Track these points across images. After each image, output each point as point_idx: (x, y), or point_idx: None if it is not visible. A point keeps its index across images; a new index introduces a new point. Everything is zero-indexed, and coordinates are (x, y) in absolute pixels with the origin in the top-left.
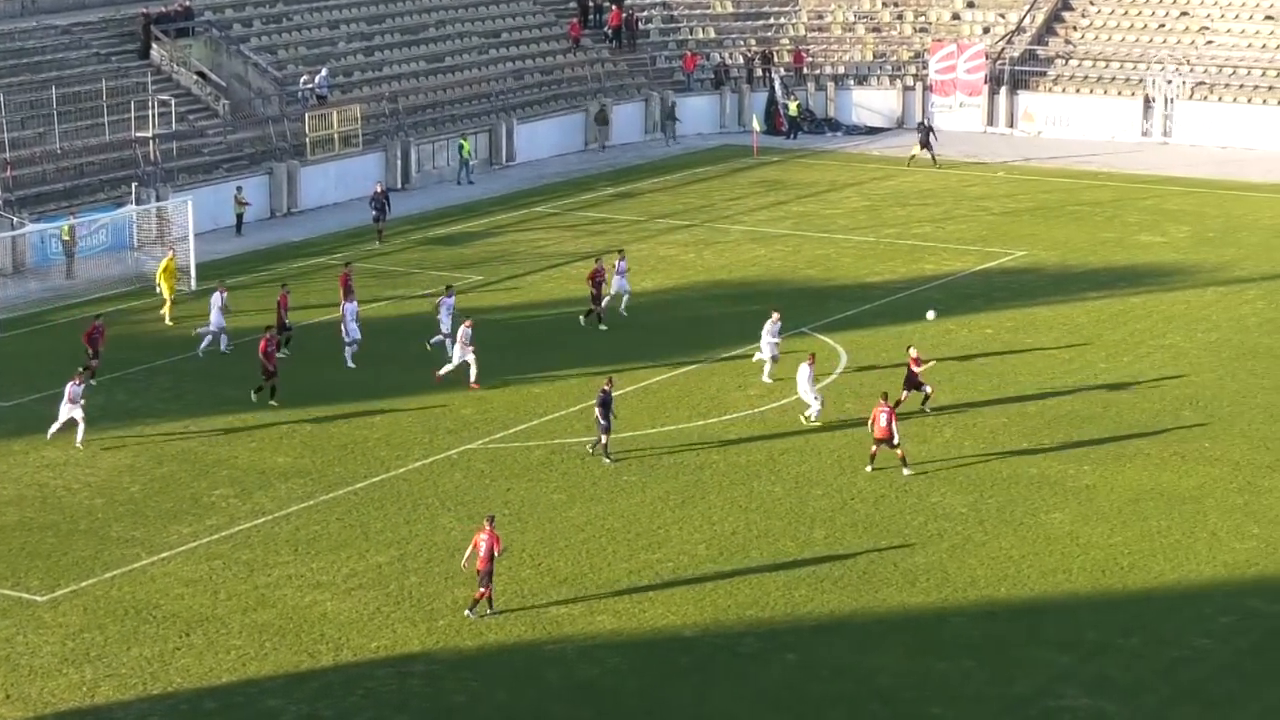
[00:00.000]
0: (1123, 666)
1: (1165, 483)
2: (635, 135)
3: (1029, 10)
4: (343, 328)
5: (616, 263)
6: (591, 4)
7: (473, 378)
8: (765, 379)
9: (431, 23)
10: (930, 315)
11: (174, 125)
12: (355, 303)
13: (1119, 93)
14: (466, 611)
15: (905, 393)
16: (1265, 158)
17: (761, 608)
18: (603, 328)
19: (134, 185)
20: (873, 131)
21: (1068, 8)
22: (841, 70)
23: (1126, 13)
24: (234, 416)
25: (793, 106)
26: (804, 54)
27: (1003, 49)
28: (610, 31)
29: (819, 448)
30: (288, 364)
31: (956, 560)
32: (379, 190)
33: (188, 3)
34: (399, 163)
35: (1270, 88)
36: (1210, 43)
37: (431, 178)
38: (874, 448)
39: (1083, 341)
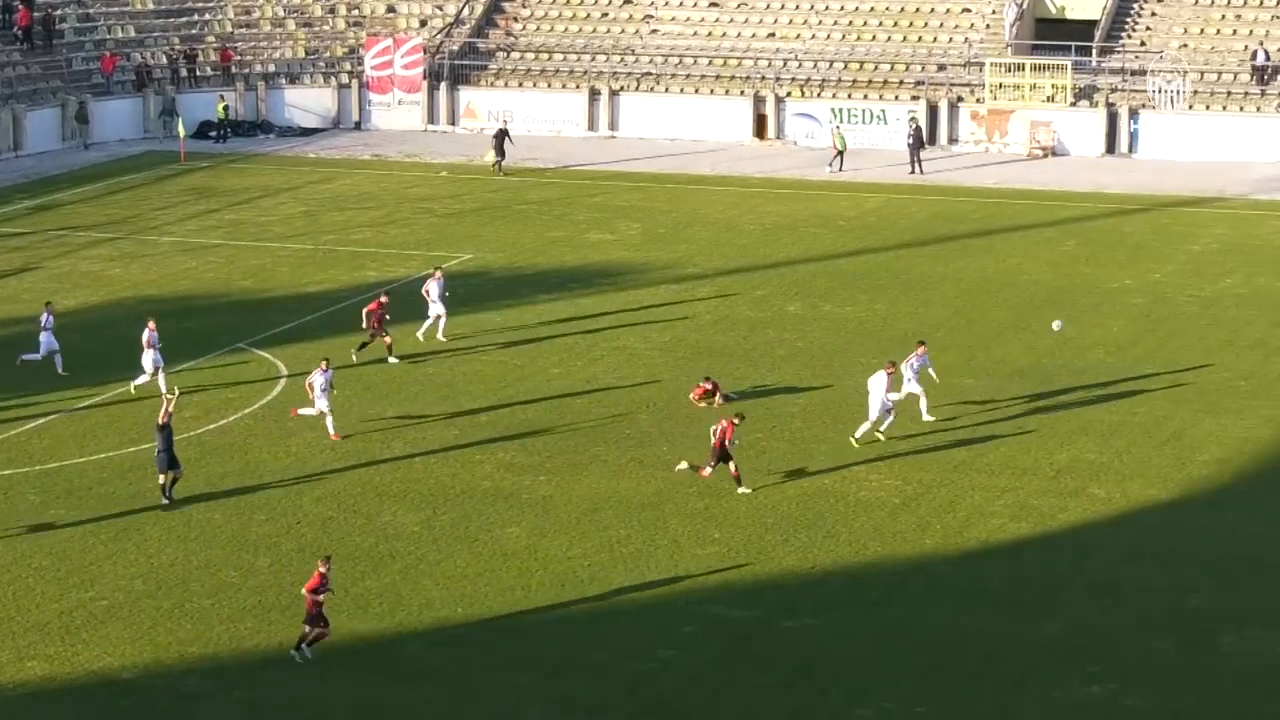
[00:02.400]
0: (586, 683)
1: (624, 490)
2: (52, 143)
3: (467, 2)
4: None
5: None
6: (1, 4)
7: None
8: None
9: None
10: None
11: None
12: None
13: (563, 85)
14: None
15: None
16: (713, 149)
17: (205, 644)
18: (393, 360)
19: None
20: (307, 133)
21: None
22: (272, 68)
23: (569, 2)
24: None
25: (219, 108)
26: (231, 52)
27: (441, 43)
28: (21, 32)
29: (261, 471)
30: None
31: (410, 582)
32: None
33: None
34: None
35: (717, 77)
36: (655, 32)
37: None
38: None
39: (534, 346)
